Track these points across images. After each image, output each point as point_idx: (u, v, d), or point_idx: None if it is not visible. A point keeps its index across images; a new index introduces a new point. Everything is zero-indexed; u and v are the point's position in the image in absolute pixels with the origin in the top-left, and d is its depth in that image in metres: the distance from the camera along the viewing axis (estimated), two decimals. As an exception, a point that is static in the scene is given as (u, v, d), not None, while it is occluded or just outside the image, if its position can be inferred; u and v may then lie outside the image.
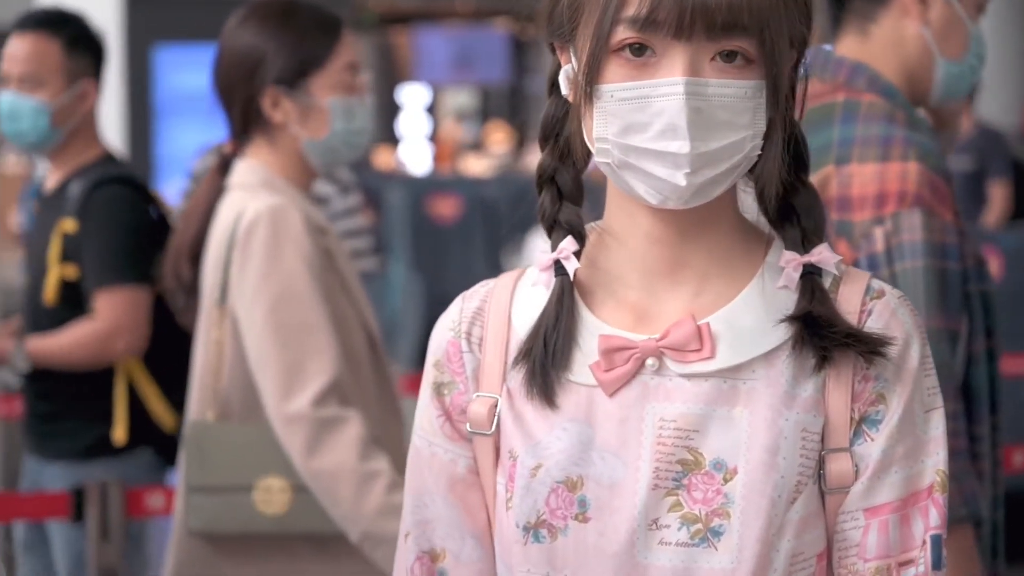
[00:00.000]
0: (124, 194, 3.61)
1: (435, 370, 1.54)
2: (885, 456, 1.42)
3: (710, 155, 1.38)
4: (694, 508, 1.41)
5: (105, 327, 3.50)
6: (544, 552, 1.44)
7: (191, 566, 2.85)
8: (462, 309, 1.54)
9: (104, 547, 3.30)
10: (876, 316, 1.44)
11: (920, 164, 2.26)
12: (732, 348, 1.43)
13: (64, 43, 3.63)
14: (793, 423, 1.42)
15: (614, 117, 1.41)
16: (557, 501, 1.44)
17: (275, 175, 2.88)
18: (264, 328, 2.72)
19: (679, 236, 1.45)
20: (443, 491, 1.52)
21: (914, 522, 1.43)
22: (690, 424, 1.42)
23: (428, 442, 1.53)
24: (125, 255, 3.54)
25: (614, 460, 1.43)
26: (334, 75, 2.89)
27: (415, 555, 1.53)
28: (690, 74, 1.38)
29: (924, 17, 2.39)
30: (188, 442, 2.83)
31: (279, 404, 2.68)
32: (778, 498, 1.40)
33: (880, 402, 1.43)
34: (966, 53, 2.42)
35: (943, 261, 2.24)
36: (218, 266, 2.82)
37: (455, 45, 21.96)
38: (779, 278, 1.46)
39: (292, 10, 2.91)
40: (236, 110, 2.91)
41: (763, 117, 1.41)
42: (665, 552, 1.41)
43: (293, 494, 2.75)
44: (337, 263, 2.85)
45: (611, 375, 1.44)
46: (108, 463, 3.54)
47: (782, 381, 1.43)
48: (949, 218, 2.27)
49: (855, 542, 1.43)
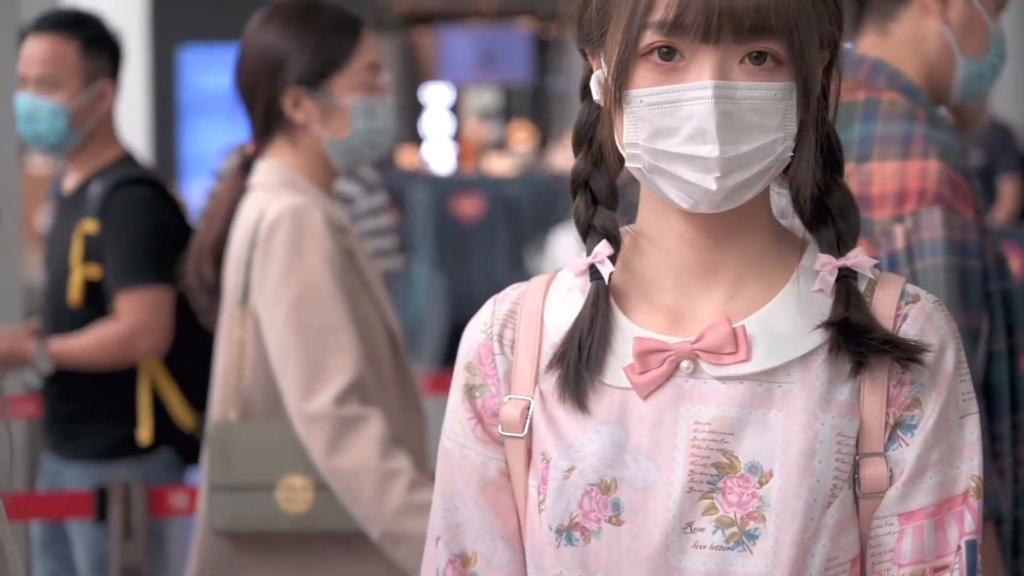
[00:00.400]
0: (145, 195, 3.61)
1: (466, 372, 1.53)
2: (920, 461, 1.42)
3: (740, 158, 1.38)
4: (729, 511, 1.41)
5: (128, 328, 3.51)
6: (577, 555, 1.44)
7: (215, 565, 2.85)
8: (494, 311, 1.53)
9: (127, 546, 3.31)
10: (911, 321, 1.44)
11: (941, 162, 2.27)
12: (768, 351, 1.42)
13: (81, 44, 3.63)
14: (829, 427, 1.41)
15: (644, 122, 1.41)
16: (591, 504, 1.44)
17: (297, 175, 2.88)
18: (286, 327, 2.72)
19: (712, 239, 1.45)
20: (474, 494, 1.52)
21: (949, 528, 1.42)
22: (725, 427, 1.42)
23: (459, 445, 1.53)
24: (146, 256, 3.54)
25: (647, 463, 1.43)
26: (355, 75, 2.89)
27: (447, 559, 1.52)
28: (719, 77, 1.37)
29: (944, 16, 2.40)
30: (211, 441, 2.84)
31: (300, 403, 2.69)
32: (813, 502, 1.40)
33: (915, 407, 1.42)
34: (986, 52, 2.43)
35: (963, 259, 2.24)
36: (240, 266, 2.83)
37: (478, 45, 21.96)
38: (814, 282, 1.45)
39: (314, 10, 2.92)
40: (258, 110, 2.92)
41: (794, 119, 1.40)
42: (699, 555, 1.41)
43: (315, 493, 2.76)
44: (358, 262, 2.85)
45: (645, 377, 1.43)
46: (129, 463, 3.55)
47: (818, 385, 1.42)
48: (970, 216, 2.27)
49: (889, 547, 1.42)
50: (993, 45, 2.44)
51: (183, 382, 3.62)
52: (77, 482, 3.57)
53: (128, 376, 3.57)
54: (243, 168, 2.96)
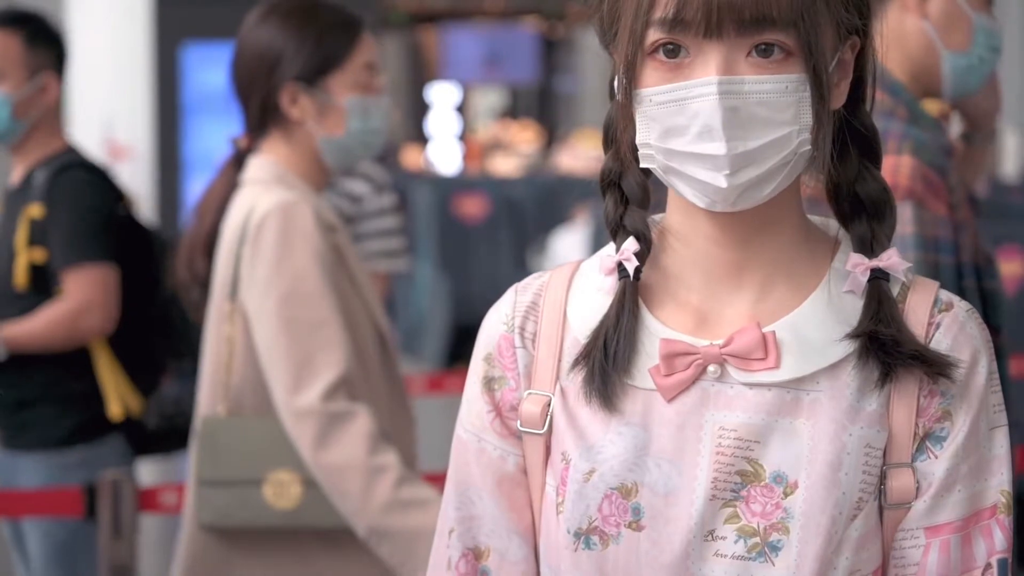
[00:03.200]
0: (88, 178, 3.69)
1: (485, 364, 1.50)
2: (949, 475, 1.39)
3: (750, 154, 1.35)
4: (752, 521, 1.38)
5: (75, 305, 3.55)
6: (595, 559, 1.41)
7: (202, 560, 2.85)
8: (515, 303, 1.50)
9: (116, 544, 3.31)
10: (944, 330, 1.41)
11: (914, 157, 2.27)
12: (797, 359, 1.40)
13: (24, 38, 3.72)
14: (857, 438, 1.38)
15: (654, 121, 1.38)
16: (610, 508, 1.41)
17: (289, 171, 2.89)
18: (274, 323, 2.72)
19: (740, 240, 1.43)
20: (491, 487, 1.49)
21: (976, 542, 1.39)
22: (751, 434, 1.39)
23: (477, 437, 1.50)
24: (91, 234, 3.61)
25: (670, 467, 1.40)
26: (353, 74, 2.90)
27: (460, 552, 1.49)
28: (723, 72, 1.34)
29: (923, 11, 2.41)
30: (199, 436, 2.84)
31: (289, 398, 2.69)
32: (839, 515, 1.37)
33: (946, 419, 1.40)
34: (972, 44, 2.43)
35: (935, 255, 2.24)
36: (229, 261, 2.83)
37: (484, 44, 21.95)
38: (845, 282, 1.43)
39: (314, 8, 2.92)
40: (253, 105, 2.92)
41: (809, 110, 1.37)
42: (720, 564, 1.38)
43: (303, 488, 2.76)
44: (347, 260, 2.85)
45: (671, 380, 1.41)
46: (82, 451, 3.58)
47: (847, 394, 1.39)
48: (942, 211, 2.27)
49: (914, 561, 1.39)
50: (979, 37, 2.44)
51: (129, 367, 3.66)
52: (31, 475, 3.59)
53: (78, 360, 3.60)
54: (236, 163, 2.97)
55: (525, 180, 13.87)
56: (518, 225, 11.62)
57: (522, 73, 22.22)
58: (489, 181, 13.73)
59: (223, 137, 3.06)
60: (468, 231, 11.52)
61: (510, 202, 11.76)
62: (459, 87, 23.09)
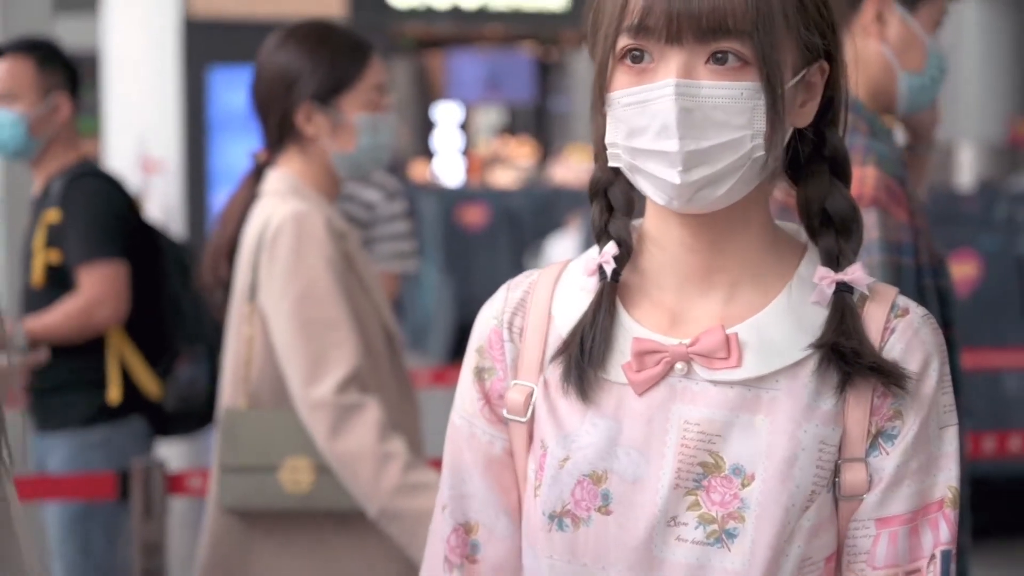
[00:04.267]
0: (100, 184, 3.73)
1: (477, 355, 1.50)
2: (898, 470, 1.37)
3: (702, 153, 1.34)
4: (711, 509, 1.37)
5: (89, 298, 3.59)
6: (567, 540, 1.41)
7: (225, 540, 2.84)
8: (506, 299, 1.50)
9: (147, 525, 3.31)
10: (899, 334, 1.39)
11: (877, 169, 2.28)
12: (758, 359, 1.38)
13: (36, 62, 3.76)
14: (812, 435, 1.37)
15: (620, 122, 1.38)
16: (582, 493, 1.41)
17: (303, 183, 2.88)
18: (290, 323, 2.71)
19: (709, 244, 1.41)
20: (480, 469, 1.49)
21: (923, 534, 1.37)
22: (713, 429, 1.38)
23: (468, 422, 1.50)
24: (103, 233, 3.64)
25: (638, 457, 1.40)
26: (363, 94, 2.89)
27: (451, 527, 1.50)
28: (682, 76, 1.33)
29: (883, 35, 2.43)
30: (221, 427, 2.83)
31: (304, 391, 2.68)
32: (792, 507, 1.36)
33: (897, 418, 1.38)
34: (925, 65, 2.45)
35: (898, 257, 2.25)
36: (248, 266, 2.82)
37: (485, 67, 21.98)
38: (810, 291, 1.41)
39: (328, 33, 2.92)
40: (272, 122, 2.91)
41: (763, 118, 1.35)
42: (681, 548, 1.37)
43: (316, 474, 2.75)
44: (356, 265, 2.84)
45: (641, 376, 1.40)
46: (104, 430, 3.63)
47: (804, 394, 1.38)
48: (904, 218, 2.28)
49: (865, 550, 1.38)
50: (931, 59, 2.46)
51: (148, 354, 3.70)
52: (60, 453, 3.66)
53: (96, 347, 3.65)
54: (255, 175, 2.96)
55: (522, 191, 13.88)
56: (516, 232, 11.63)
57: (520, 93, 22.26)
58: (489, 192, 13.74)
59: (245, 152, 3.05)
60: (470, 238, 11.52)
61: (509, 211, 11.76)
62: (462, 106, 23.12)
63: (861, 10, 2.43)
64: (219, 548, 2.85)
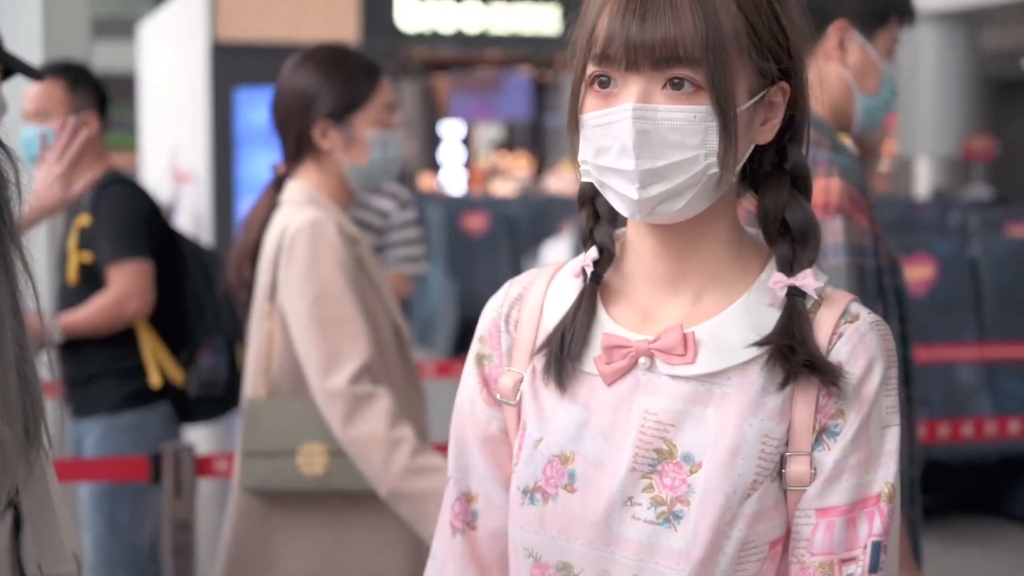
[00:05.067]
0: (126, 190, 3.72)
1: (479, 343, 1.52)
2: (837, 465, 1.35)
3: (657, 171, 1.34)
4: (662, 492, 1.37)
5: (117, 294, 3.60)
6: (537, 514, 1.42)
7: (248, 518, 2.84)
8: (507, 294, 1.52)
9: (178, 503, 3.31)
10: (845, 339, 1.37)
11: (841, 180, 2.30)
12: (711, 356, 1.38)
13: (67, 83, 3.76)
14: (756, 429, 1.36)
15: (589, 142, 1.38)
16: (552, 471, 1.41)
17: (319, 193, 2.87)
18: (307, 320, 2.71)
19: (676, 252, 1.41)
20: (479, 445, 1.50)
21: (860, 525, 1.35)
22: (669, 419, 1.38)
23: (470, 403, 1.52)
24: (130, 234, 3.65)
25: (603, 441, 1.40)
26: (374, 112, 2.88)
27: (456, 495, 1.52)
28: (639, 101, 1.33)
29: (844, 60, 2.47)
30: (244, 415, 2.83)
31: (321, 382, 2.67)
32: (733, 494, 1.35)
33: (839, 416, 1.36)
34: (880, 88, 2.49)
35: (862, 259, 2.27)
36: (269, 268, 2.82)
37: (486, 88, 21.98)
38: (768, 295, 1.40)
39: (341, 57, 2.91)
40: (291, 138, 2.91)
41: (716, 138, 1.34)
42: (635, 526, 1.37)
43: (330, 458, 2.74)
44: (367, 267, 2.83)
45: (610, 368, 1.40)
46: (132, 415, 3.64)
47: (752, 390, 1.37)
48: (865, 224, 2.31)
49: (805, 537, 1.36)
50: (885, 83, 2.50)
51: (171, 345, 3.71)
52: (92, 434, 3.68)
53: (125, 340, 3.65)
54: (275, 186, 2.96)
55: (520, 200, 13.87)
56: (514, 238, 11.62)
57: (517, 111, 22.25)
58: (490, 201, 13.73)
59: (267, 165, 3.05)
60: (472, 243, 11.51)
61: (507, 219, 11.75)
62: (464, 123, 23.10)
63: (825, 37, 2.47)
64: (242, 525, 2.85)
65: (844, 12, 2.47)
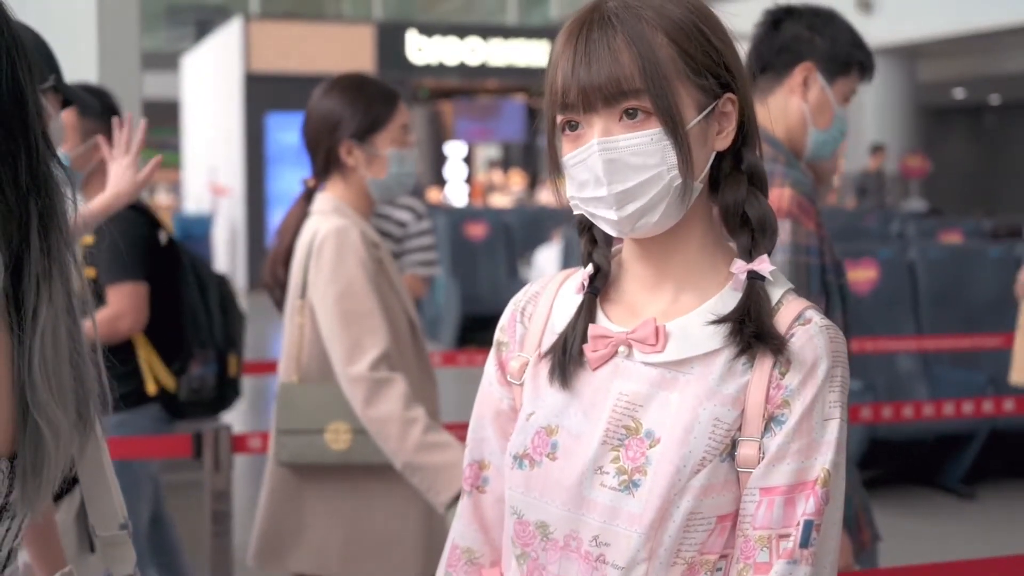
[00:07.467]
0: (130, 215, 3.59)
1: (499, 332, 1.54)
2: (780, 450, 1.34)
3: (629, 192, 1.35)
4: (626, 463, 1.37)
5: (113, 312, 3.50)
6: (524, 477, 1.43)
7: (281, 489, 2.84)
8: (526, 292, 1.54)
9: (217, 476, 3.30)
10: (796, 338, 1.36)
11: (792, 190, 2.37)
12: (678, 347, 1.38)
13: (79, 110, 3.61)
14: (709, 412, 1.36)
15: (572, 179, 1.39)
16: (538, 441, 1.42)
17: (344, 204, 2.87)
18: (333, 314, 2.71)
19: (655, 259, 1.42)
20: (491, 419, 1.52)
21: (797, 505, 1.34)
22: (638, 399, 1.39)
23: (489, 382, 1.53)
24: (127, 258, 3.55)
25: (583, 417, 1.41)
26: (393, 132, 2.88)
27: (469, 462, 1.54)
28: (602, 135, 1.34)
29: (805, 96, 2.52)
30: (278, 397, 2.82)
31: (344, 368, 2.67)
32: (683, 467, 1.34)
33: (785, 407, 1.35)
34: (831, 126, 2.53)
35: (806, 257, 2.33)
36: (300, 269, 2.82)
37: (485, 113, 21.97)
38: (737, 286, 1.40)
39: (364, 84, 2.90)
40: (319, 156, 2.90)
41: (673, 153, 1.35)
42: (603, 492, 1.38)
43: (353, 435, 2.74)
44: (386, 268, 2.83)
45: (595, 355, 1.42)
46: (121, 415, 3.54)
47: (710, 379, 1.37)
48: (812, 227, 2.37)
49: (750, 513, 1.35)
50: (836, 122, 2.54)
51: (165, 355, 3.61)
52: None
53: (124, 347, 3.55)
54: (306, 198, 2.96)
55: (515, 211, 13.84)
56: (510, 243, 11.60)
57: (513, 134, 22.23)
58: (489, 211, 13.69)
59: (296, 180, 3.04)
60: (473, 247, 11.49)
61: (505, 227, 11.74)
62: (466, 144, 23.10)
63: (793, 74, 2.51)
64: (276, 494, 2.85)
65: (813, 55, 2.50)
